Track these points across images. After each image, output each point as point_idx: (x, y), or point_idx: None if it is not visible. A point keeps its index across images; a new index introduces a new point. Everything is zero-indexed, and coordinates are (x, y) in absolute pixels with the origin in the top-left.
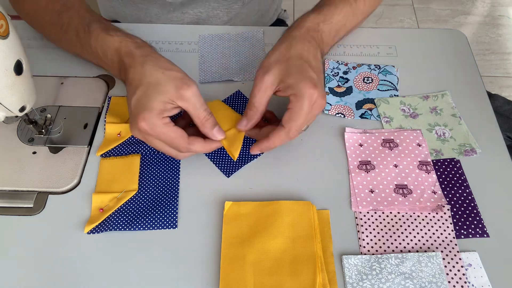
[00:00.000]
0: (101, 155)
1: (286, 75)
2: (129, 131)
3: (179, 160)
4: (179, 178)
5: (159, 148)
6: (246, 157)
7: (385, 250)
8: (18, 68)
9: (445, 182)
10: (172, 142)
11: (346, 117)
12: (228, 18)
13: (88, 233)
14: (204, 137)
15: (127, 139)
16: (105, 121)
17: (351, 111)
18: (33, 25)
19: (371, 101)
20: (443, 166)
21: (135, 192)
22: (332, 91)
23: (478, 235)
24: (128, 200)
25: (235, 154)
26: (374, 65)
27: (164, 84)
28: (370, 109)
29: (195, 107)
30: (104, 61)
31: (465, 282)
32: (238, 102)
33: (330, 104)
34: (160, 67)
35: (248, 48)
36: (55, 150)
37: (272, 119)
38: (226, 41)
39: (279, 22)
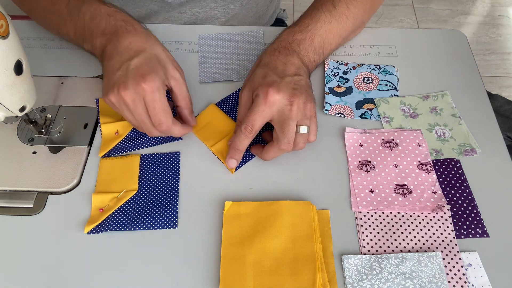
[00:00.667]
0: (101, 156)
1: (254, 85)
2: (126, 127)
3: (179, 160)
4: (179, 178)
5: (137, 117)
6: (249, 153)
7: (385, 250)
8: (18, 68)
9: (445, 182)
10: (158, 113)
11: (346, 117)
12: (225, 18)
13: (88, 233)
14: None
15: (125, 136)
16: (99, 123)
17: (351, 111)
18: (22, 5)
19: (371, 101)
20: (443, 166)
21: (135, 192)
22: (332, 91)
23: (478, 235)
24: (128, 200)
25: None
26: (374, 65)
27: (164, 60)
28: (370, 109)
29: (183, 88)
30: (85, 26)
31: (465, 282)
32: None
33: (330, 104)
34: (160, 44)
35: (248, 48)
36: (55, 150)
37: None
38: (226, 41)
39: (279, 22)
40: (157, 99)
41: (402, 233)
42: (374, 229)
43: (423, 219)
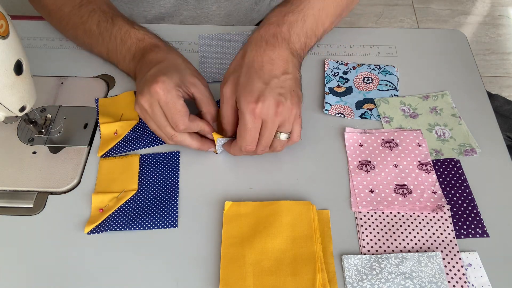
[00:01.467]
0: (101, 156)
1: (237, 88)
2: (125, 127)
3: (179, 160)
4: (178, 178)
5: (157, 122)
6: None
7: (385, 250)
8: (18, 68)
9: (445, 182)
10: (174, 116)
11: (346, 117)
12: (224, 13)
13: (88, 233)
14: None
15: (124, 136)
16: (98, 123)
17: (351, 111)
18: (50, 18)
19: (371, 101)
20: (443, 166)
21: (134, 192)
22: (332, 91)
23: (478, 235)
24: (127, 200)
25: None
26: (374, 65)
27: (183, 68)
28: (370, 109)
29: (205, 94)
30: (117, 49)
31: (465, 282)
32: None
33: (330, 104)
34: (182, 57)
35: None
36: (55, 150)
37: None
38: (226, 41)
39: None
40: (170, 100)
41: (402, 233)
42: (374, 229)
43: (423, 219)
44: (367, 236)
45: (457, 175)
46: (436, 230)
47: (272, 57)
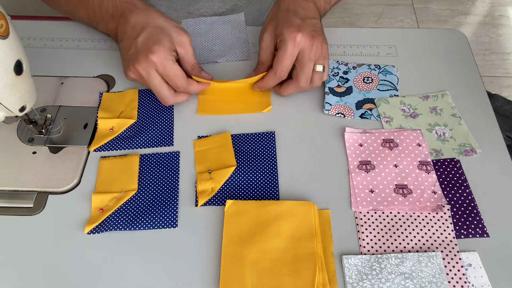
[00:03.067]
0: (101, 156)
1: (276, 28)
2: (121, 125)
3: (179, 160)
4: (178, 178)
5: (157, 85)
6: None
7: (385, 250)
8: (18, 68)
9: (445, 182)
10: (173, 79)
11: (346, 117)
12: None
13: (88, 233)
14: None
15: (119, 133)
16: (97, 116)
17: (351, 111)
18: None
19: (371, 101)
20: (443, 166)
21: (134, 192)
22: (332, 91)
23: (478, 235)
24: (127, 200)
25: (218, 186)
26: (374, 65)
27: (168, 29)
28: (370, 109)
29: (190, 54)
30: (96, 11)
31: (465, 282)
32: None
33: (330, 104)
34: (161, 15)
35: (229, 31)
36: (55, 150)
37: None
38: (209, 25)
39: None
40: (168, 67)
41: (402, 233)
42: (374, 229)
43: (423, 219)
44: (367, 236)
45: (457, 175)
46: (436, 230)
47: (303, 6)
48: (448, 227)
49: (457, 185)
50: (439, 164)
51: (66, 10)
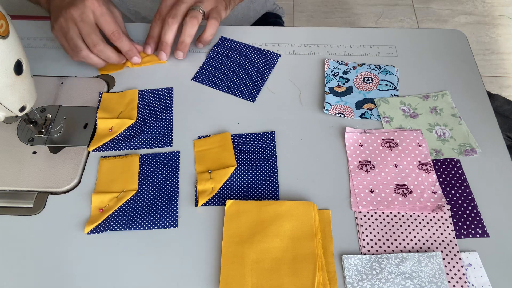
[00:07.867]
0: (101, 156)
1: None
2: (121, 125)
3: (179, 160)
4: (178, 177)
5: (84, 29)
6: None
7: (385, 250)
8: (18, 68)
9: (445, 182)
10: (110, 24)
11: (346, 117)
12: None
13: (88, 233)
14: None
15: (118, 134)
16: (96, 116)
17: (351, 111)
18: None
19: (371, 101)
20: (443, 166)
21: (134, 192)
22: (332, 91)
23: (478, 235)
24: (127, 200)
25: (218, 186)
26: (374, 65)
27: None
28: (370, 109)
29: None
30: None
31: (465, 282)
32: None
33: (330, 104)
34: None
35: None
36: (55, 150)
37: None
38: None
39: (275, 17)
40: (105, 13)
41: (402, 233)
42: (374, 229)
43: (423, 219)
44: (367, 236)
45: (457, 175)
46: (436, 230)
47: None
48: (448, 227)
49: (457, 185)
50: (439, 164)
51: None
